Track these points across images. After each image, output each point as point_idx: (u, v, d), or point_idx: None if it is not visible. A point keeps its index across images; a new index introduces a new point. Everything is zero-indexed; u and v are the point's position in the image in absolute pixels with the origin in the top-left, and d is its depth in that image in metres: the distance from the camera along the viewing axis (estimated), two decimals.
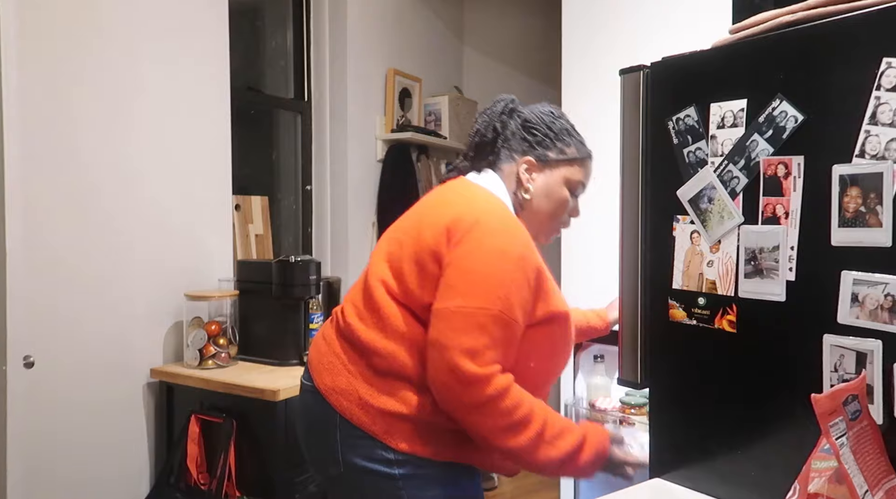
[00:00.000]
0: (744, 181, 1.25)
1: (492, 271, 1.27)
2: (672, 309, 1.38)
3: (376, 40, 3.44)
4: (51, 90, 2.20)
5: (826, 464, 1.04)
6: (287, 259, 2.51)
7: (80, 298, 2.29)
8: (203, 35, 2.68)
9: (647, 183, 1.44)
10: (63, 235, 2.24)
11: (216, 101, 2.74)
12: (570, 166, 1.46)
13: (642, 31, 2.27)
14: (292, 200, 3.43)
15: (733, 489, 1.28)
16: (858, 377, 1.06)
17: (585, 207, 2.45)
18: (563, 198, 1.47)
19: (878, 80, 1.06)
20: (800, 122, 1.16)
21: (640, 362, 1.46)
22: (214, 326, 2.51)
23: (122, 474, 2.42)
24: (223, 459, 2.24)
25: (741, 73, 1.26)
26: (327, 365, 1.41)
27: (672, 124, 1.37)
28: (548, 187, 1.46)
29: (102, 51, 2.34)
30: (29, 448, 2.09)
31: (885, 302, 1.05)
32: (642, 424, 2.04)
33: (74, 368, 2.27)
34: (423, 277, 1.31)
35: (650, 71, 1.42)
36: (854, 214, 1.09)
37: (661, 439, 1.45)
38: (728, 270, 1.28)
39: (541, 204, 1.46)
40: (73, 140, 2.27)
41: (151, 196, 2.47)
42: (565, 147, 1.46)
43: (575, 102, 2.50)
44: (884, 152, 1.05)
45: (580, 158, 1.48)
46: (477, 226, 1.30)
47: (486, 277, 1.26)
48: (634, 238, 1.46)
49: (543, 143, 1.45)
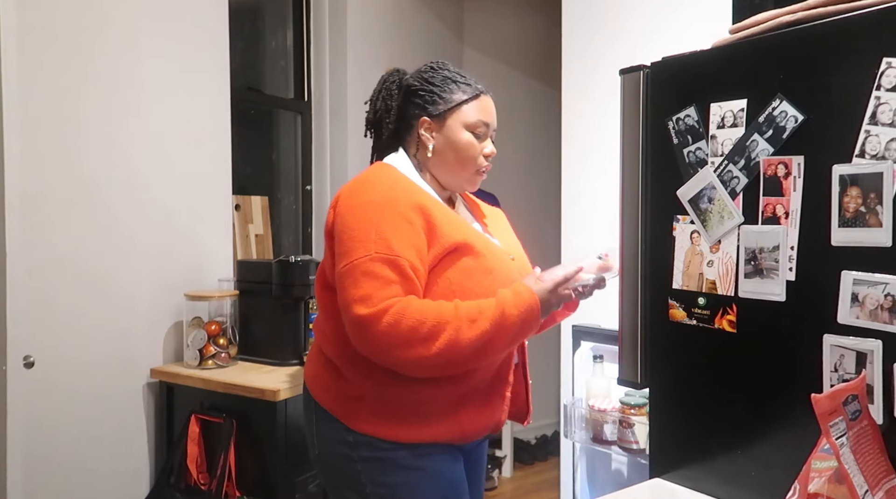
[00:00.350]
0: (744, 181, 1.25)
1: (360, 223, 1.32)
2: (672, 309, 1.38)
3: (376, 40, 3.44)
4: (51, 90, 2.20)
5: (826, 464, 1.04)
6: (287, 259, 2.51)
7: (80, 298, 2.29)
8: (203, 35, 2.68)
9: (647, 183, 1.44)
10: (63, 235, 2.24)
11: (216, 101, 2.74)
12: (461, 110, 1.45)
13: (642, 31, 2.27)
14: (292, 200, 3.43)
15: (733, 489, 1.28)
16: (858, 377, 1.06)
17: (585, 207, 2.47)
18: (466, 142, 1.45)
19: (878, 80, 1.06)
20: (800, 122, 1.16)
21: (640, 362, 1.47)
22: (214, 326, 2.51)
23: (122, 474, 2.42)
24: (223, 459, 2.24)
25: (741, 73, 1.26)
26: (311, 355, 1.54)
27: (672, 124, 1.37)
28: (447, 138, 1.45)
29: (103, 51, 2.34)
30: (29, 448, 2.08)
31: (885, 302, 1.05)
32: (642, 424, 2.04)
33: (74, 368, 2.27)
34: (330, 256, 1.41)
35: (650, 71, 1.42)
36: (854, 214, 1.09)
37: (661, 439, 1.45)
38: (728, 270, 1.28)
39: (447, 156, 1.46)
40: (74, 140, 2.26)
41: (151, 196, 2.47)
42: (451, 94, 1.46)
43: (575, 102, 2.50)
44: (884, 152, 1.06)
45: (469, 97, 1.46)
46: (345, 194, 1.39)
47: (357, 228, 1.32)
48: (634, 238, 1.46)
49: (430, 99, 1.46)
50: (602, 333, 2.29)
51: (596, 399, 2.23)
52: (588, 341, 2.38)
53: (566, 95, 2.53)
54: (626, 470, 2.35)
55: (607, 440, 2.21)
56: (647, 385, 1.47)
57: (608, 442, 2.21)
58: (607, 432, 2.20)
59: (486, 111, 1.48)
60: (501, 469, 3.74)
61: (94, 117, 2.32)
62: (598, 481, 2.45)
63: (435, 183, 1.49)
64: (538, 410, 1.56)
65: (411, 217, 1.33)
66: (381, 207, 1.33)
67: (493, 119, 1.50)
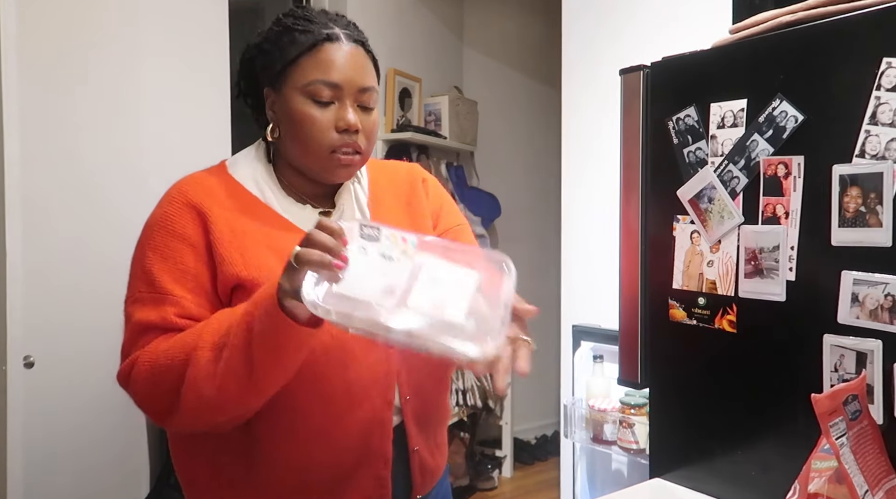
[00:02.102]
0: (744, 181, 1.25)
1: (135, 251, 1.06)
2: (672, 309, 1.38)
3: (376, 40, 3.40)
4: (51, 90, 2.19)
5: (826, 464, 1.04)
6: None
7: (80, 298, 2.29)
8: (203, 35, 2.68)
9: (647, 183, 1.44)
10: (63, 235, 2.24)
11: (216, 101, 2.74)
12: (297, 68, 1.02)
13: (642, 31, 2.27)
14: None
15: (733, 489, 1.28)
16: (858, 377, 1.06)
17: (585, 207, 2.47)
18: (301, 113, 1.02)
19: (878, 80, 1.06)
20: (800, 122, 1.16)
21: (640, 362, 1.46)
22: None
23: (121, 474, 2.42)
24: None
25: (741, 73, 1.26)
26: None
27: (672, 124, 1.37)
28: (284, 111, 1.04)
29: (103, 51, 2.34)
30: (29, 448, 2.08)
31: (886, 302, 1.05)
32: (642, 424, 2.04)
33: (74, 368, 2.27)
34: None
35: (650, 71, 1.42)
36: (854, 214, 1.09)
37: (661, 439, 1.45)
38: (728, 270, 1.28)
39: (290, 136, 1.05)
40: (74, 140, 2.26)
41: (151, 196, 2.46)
42: (286, 49, 1.03)
43: (575, 102, 2.50)
44: (884, 152, 1.05)
45: (305, 47, 1.02)
46: None
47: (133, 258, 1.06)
48: (634, 238, 1.46)
49: (268, 62, 1.06)
50: (602, 333, 2.29)
51: (596, 399, 2.23)
52: (588, 341, 2.38)
53: (566, 95, 2.53)
54: (627, 470, 2.35)
55: (607, 440, 2.21)
56: (647, 385, 1.47)
57: (608, 442, 2.21)
58: (607, 432, 2.21)
59: (329, 66, 1.02)
60: (501, 469, 3.74)
61: (94, 117, 2.32)
62: (599, 481, 2.45)
63: (295, 176, 1.10)
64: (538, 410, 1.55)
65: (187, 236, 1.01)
66: (152, 228, 1.04)
67: (347, 74, 1.03)
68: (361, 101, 1.05)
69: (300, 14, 1.07)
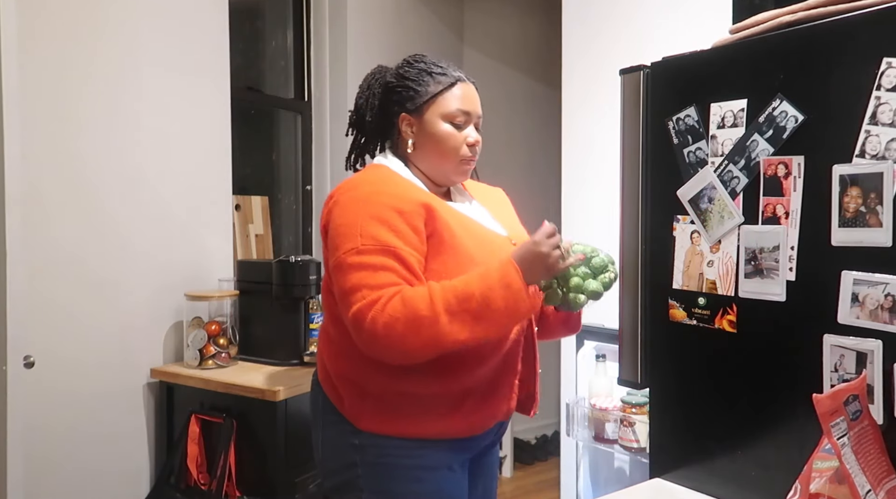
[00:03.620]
0: (744, 181, 1.25)
1: (347, 219, 1.33)
2: (672, 309, 1.38)
3: (376, 40, 3.43)
4: (51, 90, 2.19)
5: (827, 464, 1.04)
6: (287, 259, 2.51)
7: (80, 298, 2.29)
8: (203, 35, 2.68)
9: (647, 183, 1.44)
10: (63, 235, 2.24)
11: (216, 101, 2.74)
12: (437, 101, 1.44)
13: (642, 31, 2.27)
14: (292, 199, 3.43)
15: (733, 489, 1.28)
16: (859, 377, 1.06)
17: (585, 207, 2.47)
18: (445, 132, 1.43)
19: (878, 80, 1.06)
20: (800, 122, 1.16)
21: (640, 362, 1.46)
22: (214, 327, 2.51)
23: (122, 474, 2.42)
24: (223, 459, 2.24)
25: (741, 73, 1.26)
26: (318, 356, 1.55)
27: (672, 124, 1.37)
28: (427, 132, 1.44)
29: (103, 50, 2.34)
30: (29, 448, 2.08)
31: (886, 302, 1.05)
32: (643, 423, 2.05)
33: (74, 368, 2.27)
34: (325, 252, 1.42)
35: (650, 71, 1.42)
36: (854, 214, 1.09)
37: (661, 439, 1.45)
38: (728, 270, 1.28)
39: (428, 149, 1.45)
40: (74, 140, 2.26)
41: (151, 196, 2.47)
42: (426, 87, 1.44)
43: (575, 102, 2.50)
44: (884, 152, 1.05)
45: (443, 87, 1.44)
46: (336, 193, 1.40)
47: (344, 224, 1.33)
48: (634, 238, 1.46)
49: (406, 94, 1.45)
50: (605, 333, 2.30)
51: (598, 398, 2.24)
52: (591, 341, 2.38)
53: (566, 95, 2.53)
54: (628, 468, 2.35)
55: (609, 439, 2.22)
56: (648, 385, 1.47)
57: (610, 441, 2.22)
58: (609, 431, 2.21)
59: (464, 99, 1.45)
60: (501, 469, 3.74)
61: (94, 117, 2.32)
62: (600, 480, 2.45)
63: (425, 178, 1.48)
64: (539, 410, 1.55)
65: (401, 207, 1.32)
66: (366, 202, 1.33)
67: (473, 107, 1.47)
68: (477, 125, 1.49)
69: (430, 61, 1.48)
